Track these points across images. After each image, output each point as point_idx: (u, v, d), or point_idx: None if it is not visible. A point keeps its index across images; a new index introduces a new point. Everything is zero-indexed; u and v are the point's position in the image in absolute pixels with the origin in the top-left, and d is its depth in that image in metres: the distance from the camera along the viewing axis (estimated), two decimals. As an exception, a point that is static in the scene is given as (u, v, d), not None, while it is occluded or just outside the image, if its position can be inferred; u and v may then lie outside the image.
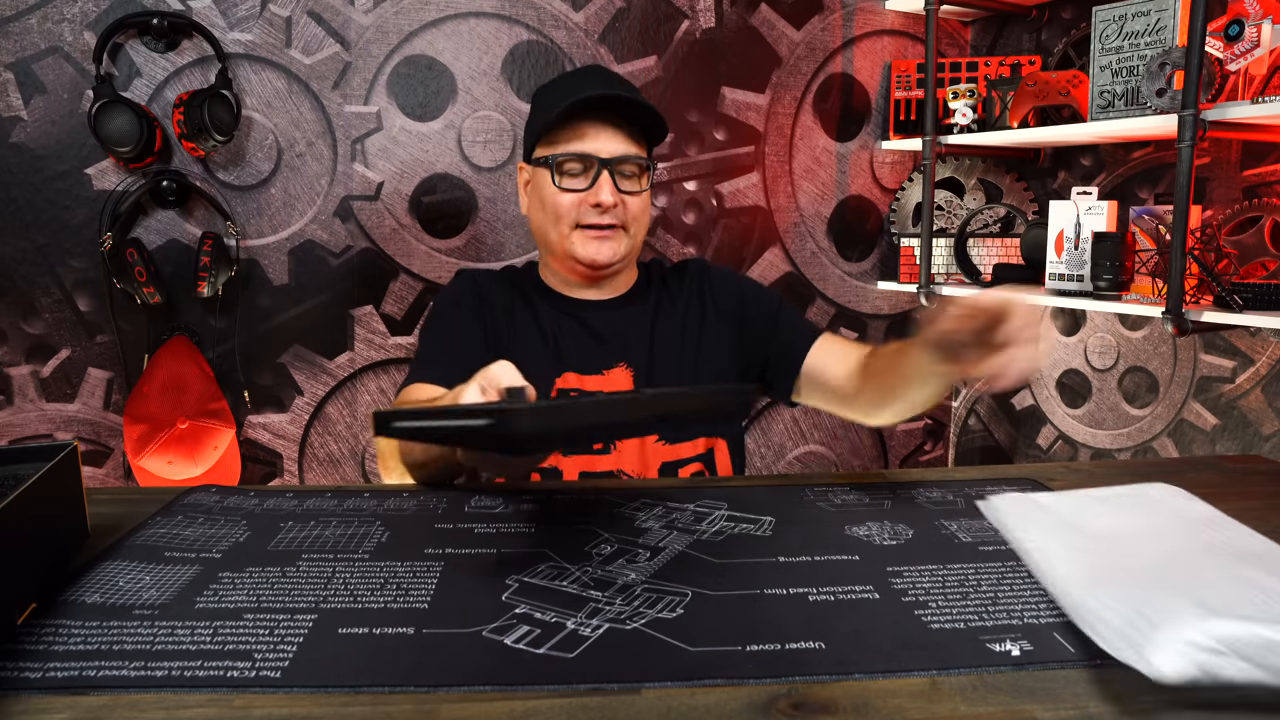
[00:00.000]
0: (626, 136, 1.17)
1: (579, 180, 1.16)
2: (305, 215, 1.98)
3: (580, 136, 1.15)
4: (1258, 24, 1.49)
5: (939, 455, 2.50)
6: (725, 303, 1.26)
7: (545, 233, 1.21)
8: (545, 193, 1.18)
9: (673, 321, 1.24)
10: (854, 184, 2.30)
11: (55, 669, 0.55)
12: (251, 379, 1.99)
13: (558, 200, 1.16)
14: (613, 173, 1.15)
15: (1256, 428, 1.71)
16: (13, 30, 1.79)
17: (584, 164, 1.16)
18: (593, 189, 1.15)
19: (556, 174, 1.16)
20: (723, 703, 0.52)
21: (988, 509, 0.83)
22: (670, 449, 1.18)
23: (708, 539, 0.78)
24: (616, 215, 1.17)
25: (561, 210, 1.17)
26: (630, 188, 1.18)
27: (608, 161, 1.15)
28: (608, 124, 1.16)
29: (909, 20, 2.27)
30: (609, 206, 1.15)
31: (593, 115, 1.15)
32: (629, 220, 1.18)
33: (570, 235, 1.18)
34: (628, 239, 1.19)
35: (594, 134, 1.15)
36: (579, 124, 1.15)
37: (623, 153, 1.16)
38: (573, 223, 1.17)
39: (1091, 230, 1.77)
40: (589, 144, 1.15)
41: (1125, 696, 0.53)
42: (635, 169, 1.18)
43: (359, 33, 1.95)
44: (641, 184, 1.19)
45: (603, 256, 1.17)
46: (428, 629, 0.61)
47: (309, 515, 0.84)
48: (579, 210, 1.16)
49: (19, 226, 1.84)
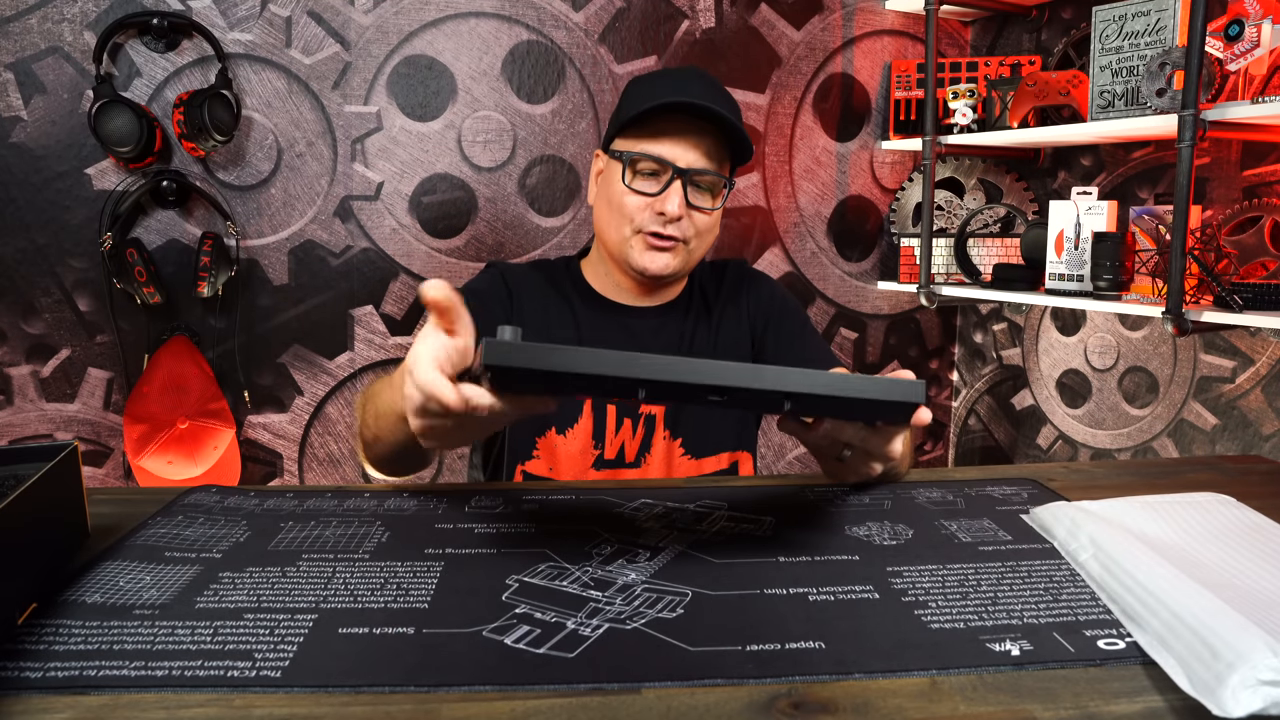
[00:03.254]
0: (709, 150, 1.10)
1: (651, 184, 1.11)
2: (305, 215, 1.98)
3: (662, 139, 1.09)
4: (1258, 24, 1.49)
5: (939, 455, 2.50)
6: (755, 320, 1.23)
7: (605, 230, 1.16)
8: (614, 189, 1.13)
9: (708, 335, 1.21)
10: (854, 184, 2.30)
11: (55, 669, 0.55)
12: (251, 379, 1.99)
13: (624, 200, 1.11)
14: (686, 183, 1.09)
15: (1256, 428, 1.71)
16: (13, 30, 1.79)
17: (660, 168, 1.10)
18: (662, 195, 1.09)
19: (629, 172, 1.11)
20: (723, 703, 0.52)
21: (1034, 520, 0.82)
22: (695, 463, 1.17)
23: (708, 539, 0.78)
24: (681, 229, 1.11)
25: (627, 210, 1.11)
26: (701, 203, 1.12)
27: (684, 171, 1.09)
28: (693, 133, 1.09)
29: (909, 20, 2.27)
30: (674, 218, 1.09)
31: (681, 121, 1.09)
32: (693, 236, 1.13)
33: (630, 239, 1.12)
34: (686, 254, 1.14)
35: (677, 140, 1.09)
36: (664, 125, 1.09)
37: (702, 165, 1.10)
38: (636, 227, 1.12)
39: (1091, 230, 1.77)
40: (668, 149, 1.09)
41: (1125, 696, 0.53)
42: (711, 184, 1.12)
43: (359, 33, 1.95)
44: (714, 201, 1.13)
45: (656, 268, 1.12)
46: (428, 629, 0.61)
47: (309, 515, 0.84)
48: (644, 215, 1.11)
49: (19, 226, 1.84)
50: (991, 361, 2.36)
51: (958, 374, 2.47)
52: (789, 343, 1.21)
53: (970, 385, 2.43)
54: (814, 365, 1.16)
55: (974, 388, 2.42)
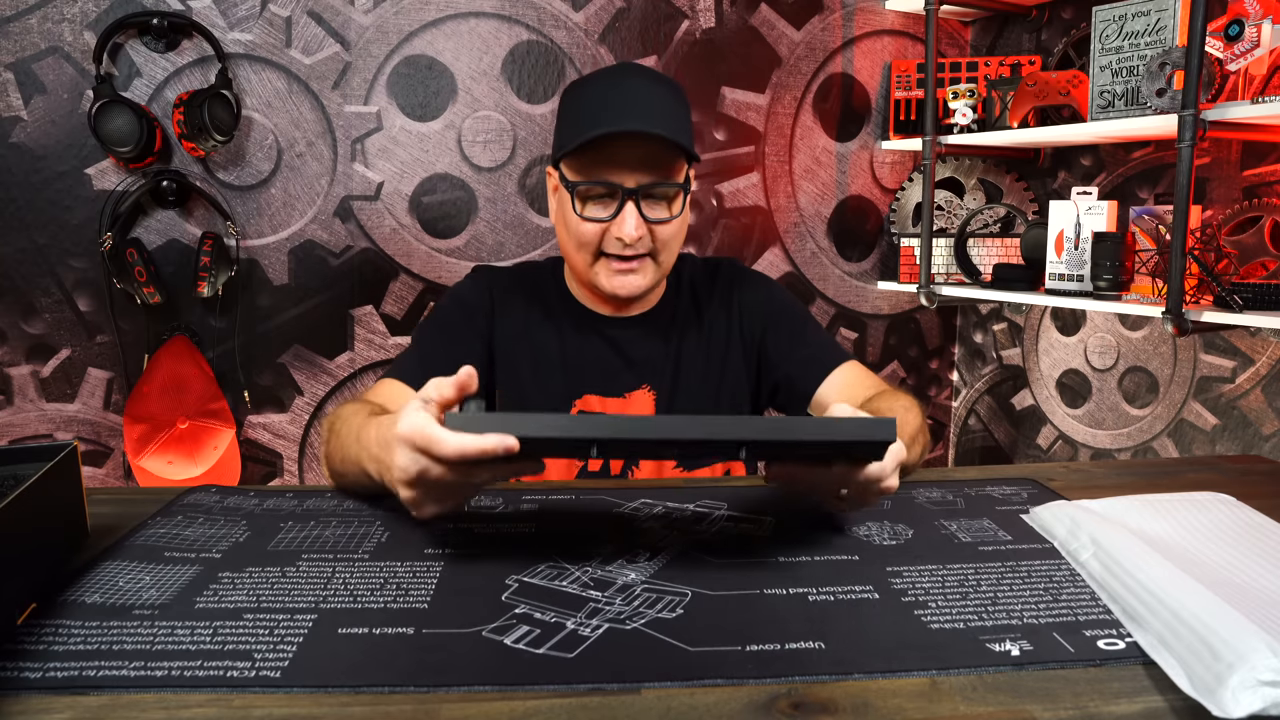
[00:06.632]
0: (655, 159, 1.03)
1: (602, 208, 1.05)
2: (305, 215, 1.98)
3: (605, 161, 1.03)
4: (1258, 24, 1.49)
5: (939, 455, 2.50)
6: (751, 325, 1.18)
7: (570, 256, 1.12)
8: (569, 218, 1.07)
9: (698, 342, 1.17)
10: (854, 184, 2.30)
11: (55, 669, 0.55)
12: (251, 379, 1.99)
13: (580, 229, 1.06)
14: (638, 201, 1.04)
15: (1256, 428, 1.71)
16: (13, 30, 1.79)
17: (608, 190, 1.04)
18: (616, 220, 1.04)
19: (578, 201, 1.05)
20: (723, 703, 0.52)
21: (1034, 520, 0.82)
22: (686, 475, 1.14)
23: (708, 539, 0.78)
24: (643, 245, 1.06)
25: (584, 239, 1.06)
26: (658, 214, 1.06)
27: (633, 191, 1.03)
28: (636, 147, 1.02)
29: (909, 20, 2.27)
30: (633, 240, 1.04)
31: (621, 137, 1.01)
32: (658, 248, 1.08)
33: (594, 266, 1.08)
34: (656, 268, 1.09)
35: (620, 157, 1.02)
36: (604, 145, 1.02)
37: (650, 180, 1.03)
38: (596, 252, 1.07)
39: (1091, 230, 1.77)
40: (612, 171, 1.03)
41: (1125, 696, 0.53)
42: (665, 193, 1.06)
43: (359, 33, 1.95)
44: (672, 210, 1.07)
45: (627, 290, 1.08)
46: (428, 629, 0.61)
47: (309, 515, 0.84)
48: (602, 240, 1.06)
49: (19, 226, 1.84)
50: (991, 361, 2.36)
51: (958, 374, 2.47)
52: (789, 344, 1.17)
53: (970, 385, 2.43)
54: (817, 364, 1.14)
55: (974, 388, 2.42)
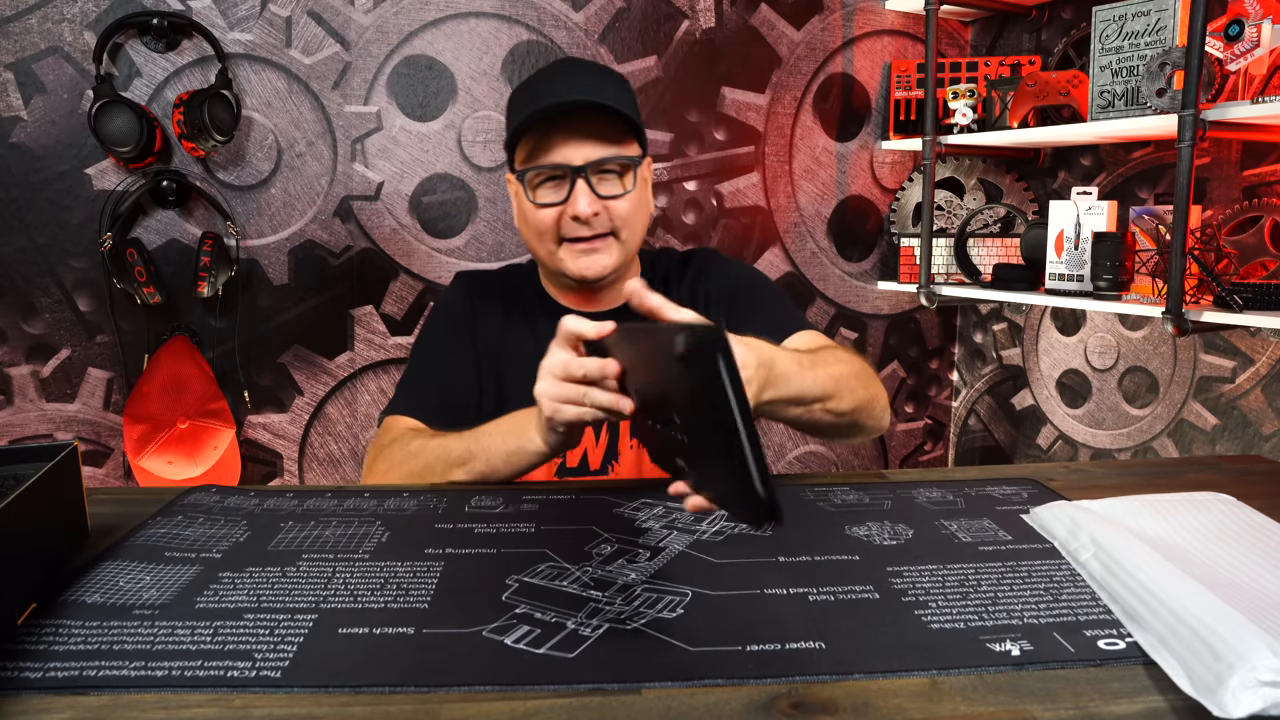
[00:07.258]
0: (602, 135, 1.05)
1: (555, 192, 1.07)
2: (305, 215, 1.98)
3: (550, 145, 1.05)
4: (1258, 24, 1.49)
5: (939, 455, 2.50)
6: (715, 309, 1.19)
7: (535, 249, 1.14)
8: (525, 209, 1.10)
9: None
10: (854, 184, 2.30)
11: (55, 669, 0.55)
12: (251, 379, 1.99)
13: (537, 217, 1.08)
14: (589, 179, 1.06)
15: (1256, 428, 1.71)
16: (13, 30, 1.79)
17: (557, 172, 1.06)
18: (569, 200, 1.06)
19: (530, 190, 1.08)
20: (723, 703, 0.52)
21: (1034, 520, 0.82)
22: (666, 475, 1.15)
23: (708, 539, 0.78)
24: (601, 223, 1.07)
25: (542, 226, 1.08)
26: (612, 190, 1.07)
27: (581, 169, 1.05)
28: (578, 126, 1.05)
29: (909, 20, 2.27)
30: (588, 217, 1.06)
31: (560, 119, 1.05)
32: (618, 225, 1.09)
33: (558, 251, 1.10)
34: (619, 246, 1.10)
35: (564, 140, 1.05)
36: (547, 131, 1.05)
37: (597, 156, 1.05)
38: (556, 238, 1.09)
39: (1091, 230, 1.77)
40: (559, 152, 1.05)
41: (1125, 696, 0.53)
42: (617, 168, 1.07)
43: (359, 33, 1.95)
44: (625, 184, 1.08)
45: (593, 270, 1.09)
46: (428, 629, 0.61)
47: (309, 515, 0.84)
48: (561, 224, 1.08)
49: (19, 226, 1.84)
50: (991, 361, 2.36)
51: (958, 374, 2.47)
52: (747, 317, 1.16)
53: (970, 385, 2.43)
54: (778, 333, 1.10)
55: (974, 388, 2.42)
